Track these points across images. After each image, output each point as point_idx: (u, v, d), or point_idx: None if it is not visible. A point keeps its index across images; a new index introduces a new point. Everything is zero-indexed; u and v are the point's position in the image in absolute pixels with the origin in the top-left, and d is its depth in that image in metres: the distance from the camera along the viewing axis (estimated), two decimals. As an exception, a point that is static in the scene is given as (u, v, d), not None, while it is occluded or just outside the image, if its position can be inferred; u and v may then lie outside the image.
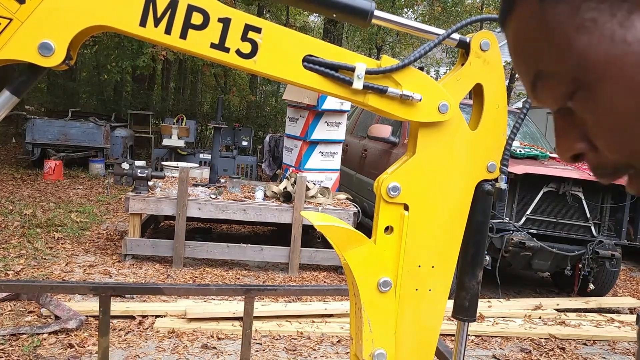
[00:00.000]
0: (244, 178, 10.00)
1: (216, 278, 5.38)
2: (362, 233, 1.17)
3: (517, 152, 5.29)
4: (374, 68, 1.12)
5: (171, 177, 6.68)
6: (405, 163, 1.19)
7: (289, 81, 1.11)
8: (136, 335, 3.84)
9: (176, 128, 10.48)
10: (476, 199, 1.24)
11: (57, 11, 0.98)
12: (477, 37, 1.18)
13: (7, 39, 0.97)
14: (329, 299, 4.71)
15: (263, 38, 1.08)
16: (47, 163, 10.15)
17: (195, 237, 6.27)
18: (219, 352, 3.69)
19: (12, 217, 6.82)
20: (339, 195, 6.31)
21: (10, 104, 1.04)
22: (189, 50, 1.06)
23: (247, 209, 5.56)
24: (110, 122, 12.03)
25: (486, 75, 1.20)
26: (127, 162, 6.09)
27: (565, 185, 5.11)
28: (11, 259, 5.26)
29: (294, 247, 5.60)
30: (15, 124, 14.54)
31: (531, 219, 5.13)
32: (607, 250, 5.08)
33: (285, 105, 8.17)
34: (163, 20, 1.03)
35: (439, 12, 15.17)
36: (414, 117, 1.16)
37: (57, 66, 1.01)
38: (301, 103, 6.62)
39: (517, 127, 1.22)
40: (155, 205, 5.48)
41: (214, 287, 2.76)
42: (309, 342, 3.97)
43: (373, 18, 1.11)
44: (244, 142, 11.38)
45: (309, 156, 6.72)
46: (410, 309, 1.22)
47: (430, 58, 19.04)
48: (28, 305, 4.18)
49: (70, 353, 3.48)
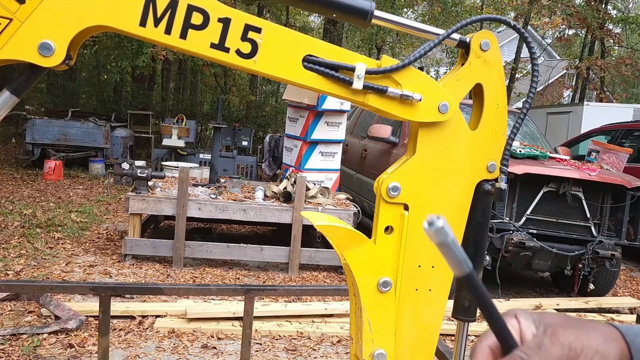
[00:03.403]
0: (244, 178, 10.00)
1: (216, 278, 5.37)
2: (362, 233, 1.17)
3: (517, 152, 5.29)
4: (374, 68, 1.12)
5: (171, 177, 6.68)
6: (405, 163, 1.19)
7: (289, 81, 1.11)
8: (136, 335, 3.83)
9: (176, 128, 10.48)
10: (476, 199, 1.24)
11: (57, 11, 0.98)
12: (477, 37, 1.18)
13: (7, 39, 0.97)
14: (329, 299, 4.71)
15: (263, 38, 1.08)
16: (47, 163, 10.15)
17: (195, 237, 6.27)
18: (219, 352, 3.69)
19: (12, 217, 6.82)
20: (339, 195, 6.31)
21: (10, 104, 1.04)
22: (189, 50, 1.06)
23: (247, 209, 5.56)
24: (110, 122, 12.03)
25: (486, 75, 1.20)
26: (127, 162, 6.08)
27: (565, 185, 5.11)
28: (11, 259, 5.26)
29: (294, 247, 5.59)
30: (15, 124, 14.54)
31: (531, 219, 5.13)
32: (607, 250, 5.07)
33: (285, 105, 8.17)
34: (163, 20, 1.03)
35: (438, 12, 15.17)
36: (414, 117, 1.15)
37: (57, 66, 1.01)
38: (301, 103, 6.61)
39: (517, 127, 1.22)
40: (155, 205, 5.48)
41: (214, 287, 2.76)
42: (309, 342, 3.97)
43: (373, 18, 1.11)
44: (244, 142, 11.39)
45: (309, 156, 6.72)
46: (410, 309, 1.22)
47: (430, 58, 19.04)
48: (28, 305, 4.18)
49: (70, 353, 3.48)
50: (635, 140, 8.26)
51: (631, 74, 14.43)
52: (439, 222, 0.46)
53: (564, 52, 22.15)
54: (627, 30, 18.21)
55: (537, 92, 3.35)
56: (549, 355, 0.50)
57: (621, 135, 8.46)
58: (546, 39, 21.59)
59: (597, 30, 13.71)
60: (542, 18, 15.45)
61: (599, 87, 15.64)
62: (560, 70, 19.70)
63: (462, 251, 0.48)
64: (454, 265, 0.49)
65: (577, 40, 18.28)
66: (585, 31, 15.38)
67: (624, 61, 14.33)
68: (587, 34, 15.55)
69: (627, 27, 17.32)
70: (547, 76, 20.03)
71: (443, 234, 0.46)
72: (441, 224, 0.46)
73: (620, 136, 8.45)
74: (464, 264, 0.48)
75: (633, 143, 8.14)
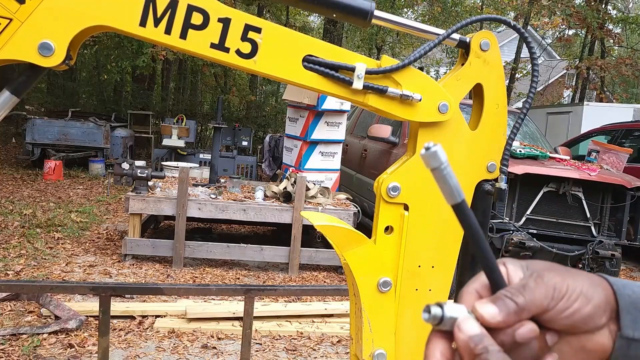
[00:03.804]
0: (244, 178, 10.00)
1: (216, 278, 5.37)
2: (362, 233, 1.17)
3: (517, 152, 5.29)
4: (374, 68, 1.12)
5: (171, 177, 6.68)
6: (405, 163, 1.19)
7: (289, 81, 1.11)
8: (136, 335, 3.83)
9: (176, 128, 10.48)
10: (476, 199, 1.24)
11: (57, 11, 0.98)
12: (477, 37, 1.18)
13: (7, 39, 0.97)
14: (329, 299, 4.71)
15: (263, 38, 1.07)
16: (47, 163, 10.15)
17: (195, 237, 6.27)
18: (219, 352, 3.69)
19: (12, 217, 6.83)
20: (339, 195, 6.31)
21: (10, 104, 1.04)
22: (189, 51, 1.06)
23: (247, 209, 5.56)
24: (110, 122, 12.04)
25: (486, 75, 1.20)
26: (127, 162, 6.08)
27: (565, 185, 5.11)
28: (11, 259, 5.26)
29: (294, 247, 5.59)
30: (15, 124, 14.54)
31: (531, 219, 5.13)
32: (607, 250, 5.08)
33: (285, 105, 8.17)
34: (163, 20, 1.03)
35: (438, 12, 15.18)
36: (414, 117, 1.15)
37: (57, 66, 1.01)
38: (301, 103, 6.62)
39: (517, 127, 1.22)
40: (155, 205, 5.48)
41: (214, 287, 2.76)
42: (309, 342, 3.97)
43: (373, 18, 1.11)
44: (244, 142, 11.39)
45: (309, 156, 6.72)
46: (410, 309, 1.22)
47: (430, 58, 19.05)
48: (28, 305, 4.18)
49: (70, 353, 3.48)
50: (635, 140, 8.26)
51: (631, 74, 14.44)
52: (434, 147, 0.46)
53: (564, 52, 22.16)
54: (627, 30, 18.22)
55: (537, 92, 3.35)
56: (533, 295, 0.51)
57: (621, 135, 8.46)
58: (546, 39, 21.59)
59: (597, 30, 13.72)
60: (542, 18, 15.45)
61: (599, 87, 15.64)
62: (560, 70, 19.71)
63: (455, 179, 0.48)
64: (446, 193, 0.49)
65: (577, 40, 18.28)
66: (585, 31, 15.38)
67: (624, 61, 14.34)
68: (587, 34, 15.55)
69: (627, 27, 17.33)
70: (547, 76, 20.04)
71: (437, 159, 0.46)
72: (435, 149, 0.46)
73: (620, 136, 8.45)
74: (456, 192, 0.49)
75: (633, 143, 8.15)
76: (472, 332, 0.49)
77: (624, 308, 0.52)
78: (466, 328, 0.50)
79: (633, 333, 0.51)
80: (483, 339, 0.49)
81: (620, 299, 0.52)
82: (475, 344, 0.49)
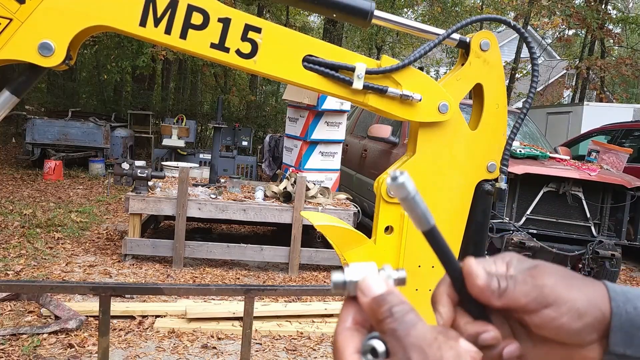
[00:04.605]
0: (244, 178, 10.00)
1: (216, 278, 5.37)
2: (362, 233, 1.17)
3: (517, 152, 5.29)
4: (374, 68, 1.12)
5: (171, 177, 6.68)
6: (405, 163, 1.19)
7: (289, 81, 1.11)
8: (136, 335, 3.83)
9: (176, 128, 10.48)
10: (476, 199, 1.24)
11: (57, 11, 0.98)
12: (477, 37, 1.18)
13: (7, 39, 0.97)
14: (329, 299, 4.71)
15: (263, 38, 1.07)
16: (47, 163, 10.15)
17: (195, 237, 6.27)
18: (219, 352, 3.69)
19: (12, 217, 6.82)
20: (339, 195, 6.31)
21: (10, 104, 1.04)
22: (189, 50, 1.06)
23: (247, 209, 5.56)
24: (110, 122, 12.04)
25: (486, 75, 1.20)
26: (127, 162, 6.08)
27: (565, 185, 5.11)
28: (11, 259, 5.26)
29: (294, 247, 5.59)
30: (15, 124, 14.54)
31: (531, 219, 5.13)
32: (607, 250, 5.08)
33: (285, 105, 8.17)
34: (163, 21, 1.03)
35: (438, 12, 15.18)
36: (414, 117, 1.15)
37: (57, 66, 1.01)
38: (301, 103, 6.61)
39: (517, 127, 1.22)
40: (155, 205, 5.48)
41: (214, 287, 2.76)
42: (309, 342, 3.97)
43: (373, 18, 1.11)
44: (244, 142, 11.39)
45: (309, 156, 6.72)
46: (410, 309, 1.22)
47: (430, 58, 19.05)
48: (28, 305, 4.18)
49: (70, 353, 3.48)
50: (635, 140, 8.26)
51: (631, 74, 14.43)
52: (401, 177, 0.45)
53: (564, 52, 22.15)
54: (627, 30, 18.22)
55: (537, 92, 3.35)
56: (514, 288, 0.49)
57: (621, 135, 8.46)
58: (546, 39, 21.58)
59: (597, 31, 13.71)
60: (541, 18, 15.45)
61: (599, 87, 15.64)
62: (560, 70, 19.70)
63: (424, 206, 0.47)
64: (416, 220, 0.48)
65: (577, 41, 18.28)
66: (585, 31, 15.38)
67: (624, 61, 14.33)
68: (587, 34, 15.55)
69: (627, 27, 17.33)
70: (547, 76, 20.03)
71: (404, 189, 0.45)
72: (402, 180, 0.45)
73: (620, 136, 8.45)
74: (425, 219, 0.48)
75: (633, 143, 8.15)
76: (374, 292, 0.44)
77: (616, 327, 0.49)
78: (368, 288, 0.44)
79: (624, 350, 0.49)
80: (387, 298, 0.43)
81: (615, 318, 0.49)
82: (379, 305, 0.43)
